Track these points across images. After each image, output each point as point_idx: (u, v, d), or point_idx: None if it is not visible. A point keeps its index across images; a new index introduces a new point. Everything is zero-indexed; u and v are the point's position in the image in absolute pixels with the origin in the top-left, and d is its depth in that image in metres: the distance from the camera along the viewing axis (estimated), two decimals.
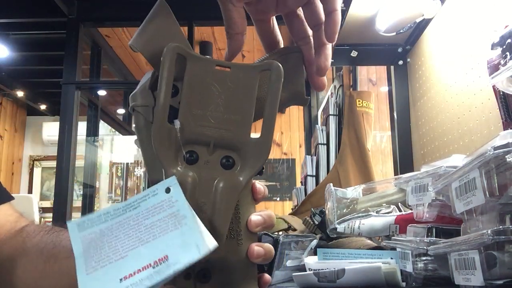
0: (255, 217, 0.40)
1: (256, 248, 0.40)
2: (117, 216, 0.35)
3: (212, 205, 0.38)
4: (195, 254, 0.32)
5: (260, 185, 0.42)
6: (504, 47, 0.78)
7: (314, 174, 2.19)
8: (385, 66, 1.69)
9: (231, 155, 0.39)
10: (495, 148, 0.48)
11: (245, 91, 0.39)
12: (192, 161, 0.39)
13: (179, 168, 0.38)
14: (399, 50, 1.50)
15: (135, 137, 0.43)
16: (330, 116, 2.04)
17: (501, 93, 0.82)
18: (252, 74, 0.39)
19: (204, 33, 3.61)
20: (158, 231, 0.34)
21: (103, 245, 0.33)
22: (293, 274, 0.77)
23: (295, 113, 5.64)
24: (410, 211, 0.78)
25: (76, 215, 3.90)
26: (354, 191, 0.99)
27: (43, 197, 5.72)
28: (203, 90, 0.39)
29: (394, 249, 0.73)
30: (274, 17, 0.47)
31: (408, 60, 1.52)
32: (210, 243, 0.33)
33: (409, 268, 0.65)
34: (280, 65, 0.39)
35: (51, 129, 5.44)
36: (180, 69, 0.39)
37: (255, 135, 0.40)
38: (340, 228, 0.91)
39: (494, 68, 0.81)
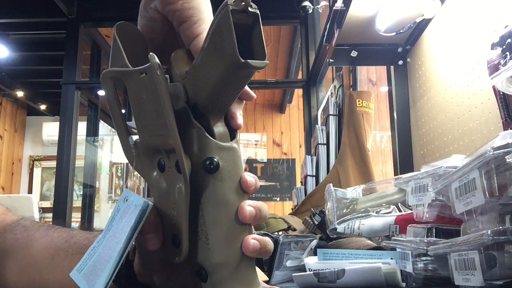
0: (246, 208, 0.38)
1: (252, 241, 0.38)
2: (101, 245, 0.40)
3: (177, 209, 0.39)
4: None
5: (251, 177, 0.39)
6: (504, 47, 0.78)
7: (314, 174, 2.19)
8: (385, 66, 1.68)
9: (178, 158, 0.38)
10: (495, 149, 0.48)
11: (155, 93, 0.36)
12: (162, 168, 0.40)
13: (153, 177, 0.41)
14: (399, 50, 1.50)
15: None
16: (330, 116, 2.04)
17: (501, 93, 0.82)
18: (153, 74, 0.36)
19: None
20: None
21: (95, 267, 0.39)
22: (293, 274, 0.76)
23: (295, 113, 5.64)
24: (410, 211, 0.78)
25: (76, 215, 3.90)
26: (354, 191, 0.99)
27: (43, 197, 5.72)
28: (139, 102, 0.39)
29: (394, 249, 0.73)
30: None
31: (408, 60, 1.52)
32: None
33: (409, 268, 0.65)
34: (154, 64, 0.35)
35: (51, 129, 5.44)
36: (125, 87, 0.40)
37: None
38: (340, 228, 0.91)
39: (494, 68, 0.81)
